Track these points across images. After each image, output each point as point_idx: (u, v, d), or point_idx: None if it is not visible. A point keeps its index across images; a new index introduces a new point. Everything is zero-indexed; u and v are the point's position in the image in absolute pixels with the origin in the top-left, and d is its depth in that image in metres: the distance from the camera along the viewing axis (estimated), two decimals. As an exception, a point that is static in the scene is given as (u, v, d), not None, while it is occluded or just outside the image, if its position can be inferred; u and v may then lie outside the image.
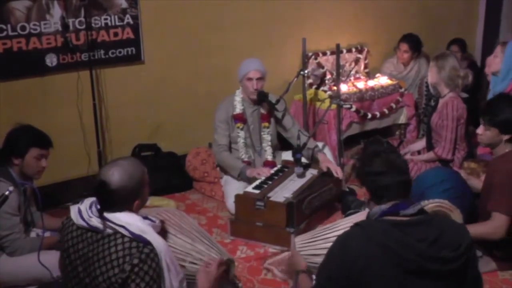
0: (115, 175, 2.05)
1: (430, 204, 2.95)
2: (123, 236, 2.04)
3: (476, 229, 2.88)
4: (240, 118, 3.96)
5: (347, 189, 4.01)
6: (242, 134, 3.96)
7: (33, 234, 3.05)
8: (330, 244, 2.01)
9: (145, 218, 2.16)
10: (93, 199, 2.15)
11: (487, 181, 3.06)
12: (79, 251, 2.10)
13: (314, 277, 2.34)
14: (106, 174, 2.06)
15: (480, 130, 3.11)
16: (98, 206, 2.09)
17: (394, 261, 1.84)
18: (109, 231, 2.05)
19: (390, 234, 1.87)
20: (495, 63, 4.21)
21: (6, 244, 2.81)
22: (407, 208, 1.94)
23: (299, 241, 2.93)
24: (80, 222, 2.09)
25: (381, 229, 1.89)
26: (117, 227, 2.04)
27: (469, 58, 5.76)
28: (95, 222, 2.06)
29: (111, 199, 2.06)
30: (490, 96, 4.17)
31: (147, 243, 2.04)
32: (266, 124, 4.02)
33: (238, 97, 3.99)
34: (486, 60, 4.31)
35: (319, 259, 2.66)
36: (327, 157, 3.97)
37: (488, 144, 3.11)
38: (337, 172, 3.80)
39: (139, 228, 2.06)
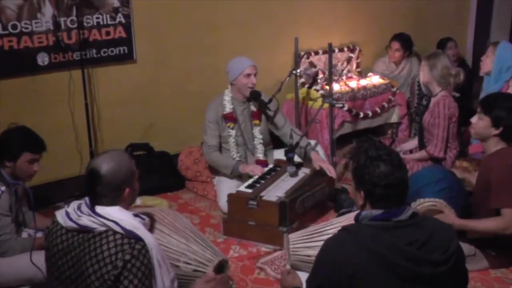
0: (104, 162, 2.08)
1: (425, 203, 2.96)
2: (114, 233, 2.02)
3: (486, 225, 2.89)
4: (230, 118, 3.95)
5: (340, 188, 4.01)
6: (233, 133, 3.96)
7: (24, 235, 3.02)
8: (326, 237, 1.97)
9: (136, 215, 2.15)
10: (80, 201, 2.13)
11: (482, 179, 3.04)
12: (70, 253, 2.07)
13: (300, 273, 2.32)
14: (95, 162, 2.09)
15: (474, 119, 3.11)
16: (88, 202, 2.08)
17: (385, 267, 1.80)
18: (100, 228, 2.03)
19: (380, 239, 1.82)
20: (486, 63, 4.24)
21: (-3, 245, 2.79)
22: (399, 215, 1.90)
23: (293, 237, 2.93)
24: (68, 223, 2.07)
25: (371, 235, 1.84)
26: (108, 222, 2.02)
27: (459, 57, 5.79)
28: (85, 220, 2.04)
29: (102, 187, 2.06)
30: (482, 95, 4.19)
31: (139, 239, 2.03)
32: (257, 121, 4.02)
33: (227, 96, 3.98)
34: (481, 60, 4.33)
35: (313, 252, 2.66)
36: (320, 156, 3.97)
37: (478, 135, 3.10)
38: (330, 171, 3.80)
39: (131, 224, 2.05)
